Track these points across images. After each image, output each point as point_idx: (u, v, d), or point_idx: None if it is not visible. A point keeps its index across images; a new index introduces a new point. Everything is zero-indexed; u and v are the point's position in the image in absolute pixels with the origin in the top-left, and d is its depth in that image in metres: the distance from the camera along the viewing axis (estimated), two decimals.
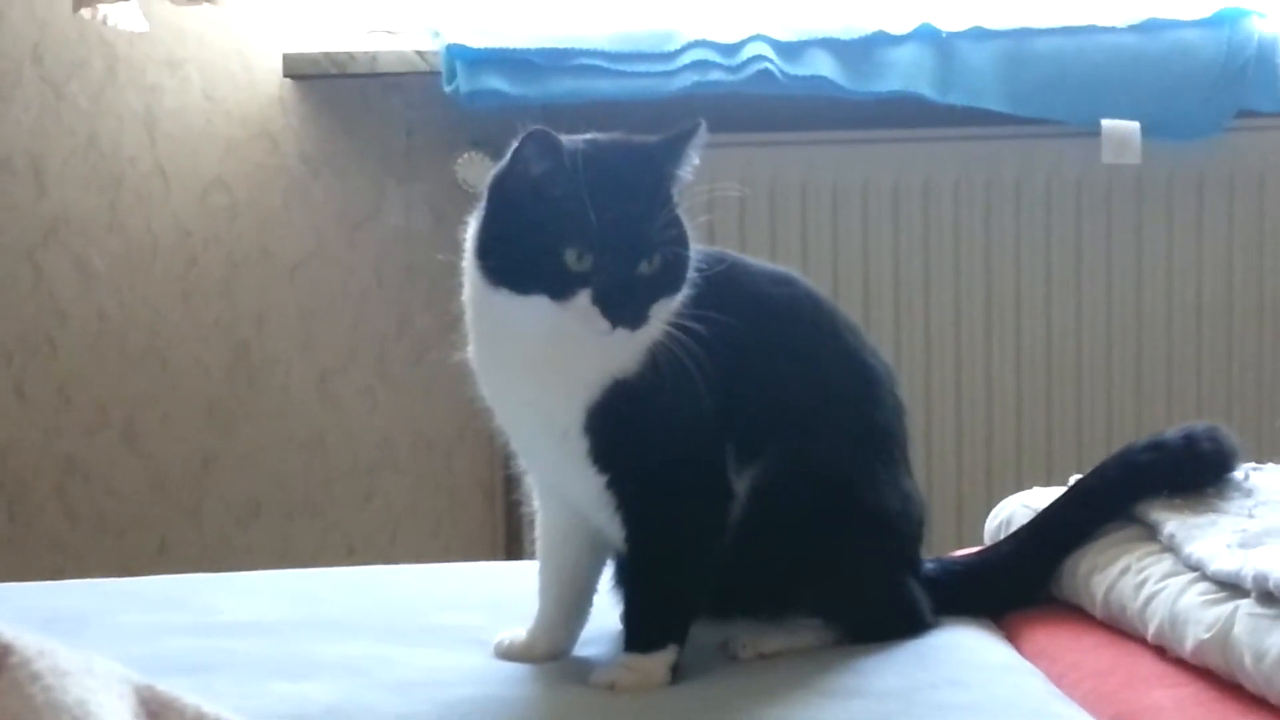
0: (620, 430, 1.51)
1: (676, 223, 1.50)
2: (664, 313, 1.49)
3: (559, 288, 1.46)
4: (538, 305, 1.47)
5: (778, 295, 1.60)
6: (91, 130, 3.01)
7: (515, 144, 1.48)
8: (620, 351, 1.50)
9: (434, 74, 2.87)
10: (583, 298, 1.45)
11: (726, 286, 1.54)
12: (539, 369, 1.52)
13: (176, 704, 0.85)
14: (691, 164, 1.52)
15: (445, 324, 2.97)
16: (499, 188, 1.51)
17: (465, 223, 1.56)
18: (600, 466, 1.53)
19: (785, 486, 1.56)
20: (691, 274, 1.51)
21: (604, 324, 1.46)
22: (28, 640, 0.83)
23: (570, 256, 1.45)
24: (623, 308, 1.46)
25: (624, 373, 1.50)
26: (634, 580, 1.58)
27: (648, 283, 1.47)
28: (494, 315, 1.53)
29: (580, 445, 1.52)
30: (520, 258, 1.47)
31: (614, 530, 1.57)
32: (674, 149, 1.51)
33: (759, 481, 1.56)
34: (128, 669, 0.87)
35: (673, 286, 1.49)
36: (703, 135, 1.51)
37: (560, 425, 1.52)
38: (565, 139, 1.49)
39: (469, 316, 1.58)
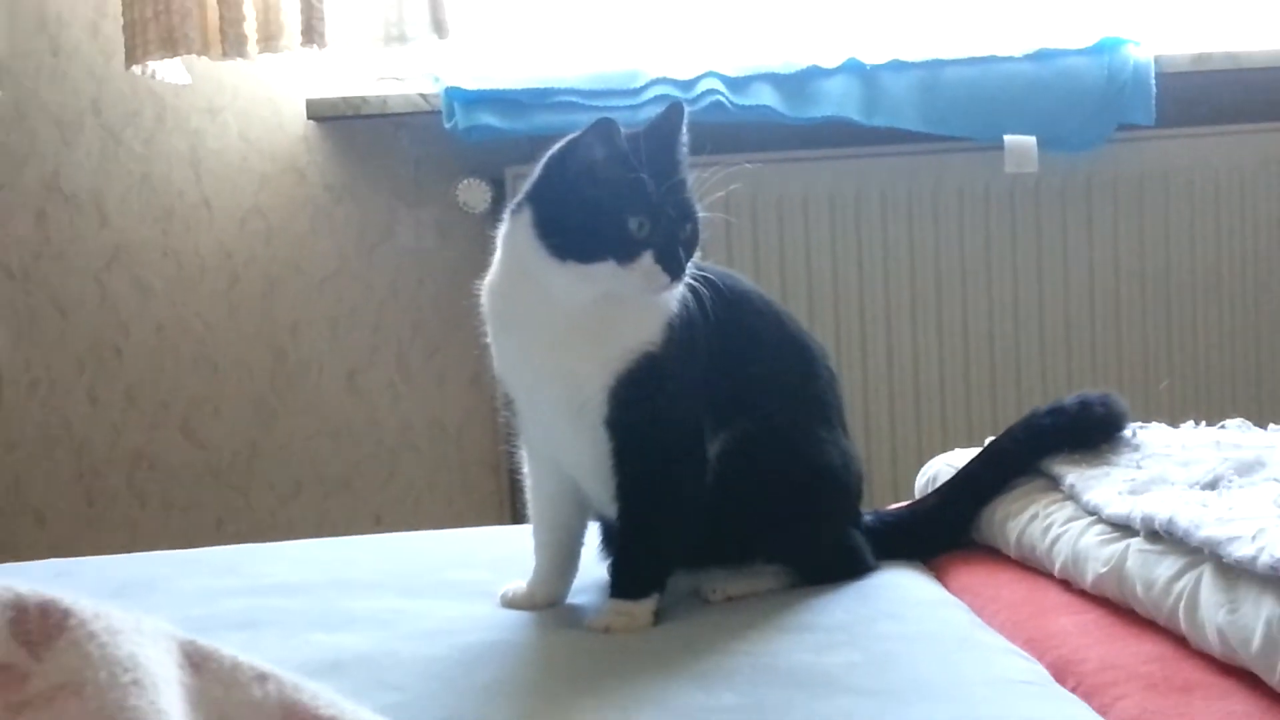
0: (639, 398, 1.50)
1: (692, 190, 1.53)
2: (691, 268, 1.52)
3: (625, 252, 1.47)
4: (600, 272, 1.47)
5: (734, 287, 1.60)
6: (145, 169, 3.00)
7: (576, 135, 1.49)
8: (649, 323, 1.50)
9: (435, 113, 2.86)
10: (647, 258, 1.47)
11: (697, 280, 1.54)
12: (573, 344, 1.50)
13: (216, 655, 0.84)
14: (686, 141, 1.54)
15: (453, 325, 3.02)
16: (561, 174, 1.50)
17: (482, 235, 1.55)
18: (612, 432, 1.51)
19: (746, 450, 1.55)
20: None
21: (665, 278, 1.48)
22: (85, 604, 0.83)
23: (633, 225, 1.47)
24: (677, 263, 1.48)
25: (653, 344, 1.50)
26: (624, 536, 1.56)
27: (686, 242, 1.50)
28: (541, 293, 1.50)
29: (598, 413, 1.50)
30: (587, 230, 1.47)
31: (604, 493, 1.55)
32: (678, 127, 1.53)
33: (725, 447, 1.55)
34: (173, 626, 0.86)
35: (698, 244, 1.52)
36: (685, 115, 1.53)
37: (584, 395, 1.50)
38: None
39: (496, 304, 1.55)
